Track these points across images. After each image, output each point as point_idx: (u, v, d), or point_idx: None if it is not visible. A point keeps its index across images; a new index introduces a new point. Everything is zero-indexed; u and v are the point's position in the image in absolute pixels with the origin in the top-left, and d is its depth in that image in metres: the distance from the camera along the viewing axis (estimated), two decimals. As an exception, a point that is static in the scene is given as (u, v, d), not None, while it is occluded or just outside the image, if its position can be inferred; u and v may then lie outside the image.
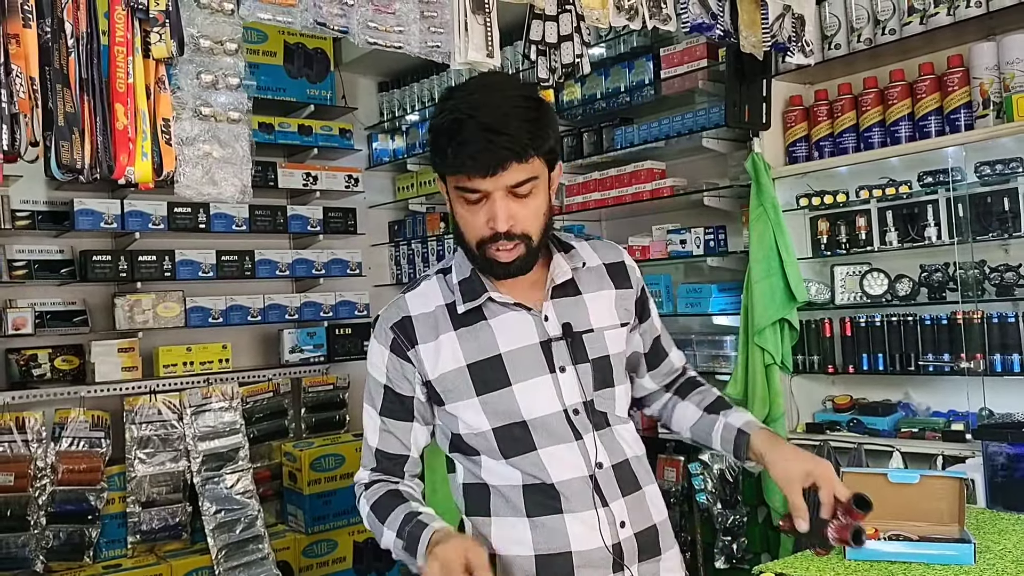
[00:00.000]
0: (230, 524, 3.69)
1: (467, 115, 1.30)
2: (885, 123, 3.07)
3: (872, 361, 3.11)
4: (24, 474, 3.34)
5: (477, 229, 1.36)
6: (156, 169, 1.48)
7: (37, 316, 3.55)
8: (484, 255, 1.37)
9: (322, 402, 4.29)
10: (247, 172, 1.58)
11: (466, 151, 1.29)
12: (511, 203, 1.33)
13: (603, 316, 1.49)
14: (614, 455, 1.44)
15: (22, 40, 1.39)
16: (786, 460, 1.41)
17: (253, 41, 4.11)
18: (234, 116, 1.56)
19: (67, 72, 1.43)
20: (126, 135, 1.46)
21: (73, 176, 1.42)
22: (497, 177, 1.30)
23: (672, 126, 3.54)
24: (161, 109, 1.50)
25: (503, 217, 1.32)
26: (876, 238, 3.15)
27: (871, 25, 3.07)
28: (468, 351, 1.40)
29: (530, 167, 1.33)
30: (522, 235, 1.36)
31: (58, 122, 1.40)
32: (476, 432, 1.42)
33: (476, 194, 1.33)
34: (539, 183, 1.36)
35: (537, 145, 1.32)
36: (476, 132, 1.28)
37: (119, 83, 1.46)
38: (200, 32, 1.53)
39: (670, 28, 2.41)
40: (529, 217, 1.36)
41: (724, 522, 3.22)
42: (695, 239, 3.50)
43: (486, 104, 1.31)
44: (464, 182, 1.32)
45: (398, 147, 4.69)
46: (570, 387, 1.42)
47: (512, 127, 1.29)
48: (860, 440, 3.06)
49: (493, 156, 1.28)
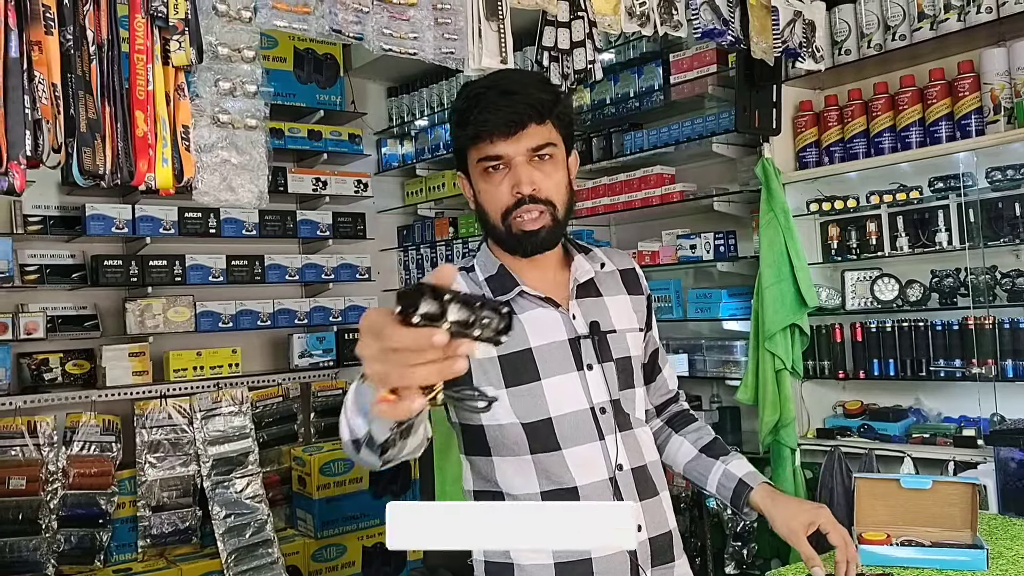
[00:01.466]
0: (240, 528, 3.70)
1: (486, 87, 1.38)
2: (896, 128, 3.07)
3: (883, 366, 3.11)
4: (35, 478, 3.35)
5: (501, 198, 1.39)
6: (176, 175, 1.49)
7: (49, 321, 3.57)
8: (510, 229, 1.39)
9: (331, 407, 4.30)
10: (264, 178, 1.59)
11: (485, 115, 1.35)
12: (533, 169, 1.38)
13: (623, 318, 1.51)
14: (634, 458, 1.45)
15: (44, 47, 1.40)
16: (788, 513, 1.48)
17: (263, 47, 4.08)
18: (251, 123, 1.57)
19: (89, 79, 1.44)
20: (146, 142, 1.47)
21: (95, 182, 1.43)
22: (518, 138, 1.36)
23: (682, 131, 3.54)
24: (180, 116, 1.51)
25: (526, 180, 1.36)
26: (887, 243, 3.15)
27: (881, 31, 3.07)
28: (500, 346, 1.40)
29: (548, 131, 1.39)
30: (546, 201, 1.39)
31: (80, 128, 1.41)
32: (499, 424, 1.40)
33: (498, 161, 1.37)
34: (558, 153, 1.41)
35: (553, 108, 1.39)
36: (496, 97, 1.35)
37: (139, 90, 1.47)
38: (218, 40, 1.54)
39: (681, 34, 2.41)
40: (552, 186, 1.40)
41: (734, 527, 3.21)
42: (705, 244, 3.50)
43: (505, 77, 1.42)
44: (487, 149, 1.37)
45: (407, 152, 4.71)
46: (597, 385, 1.43)
47: (530, 90, 1.37)
48: (871, 446, 3.05)
49: (513, 113, 1.34)
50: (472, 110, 1.36)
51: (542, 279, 1.46)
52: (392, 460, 1.11)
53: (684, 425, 1.65)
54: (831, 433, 3.21)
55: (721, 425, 3.60)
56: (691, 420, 1.67)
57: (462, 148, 1.43)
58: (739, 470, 1.55)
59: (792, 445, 3.18)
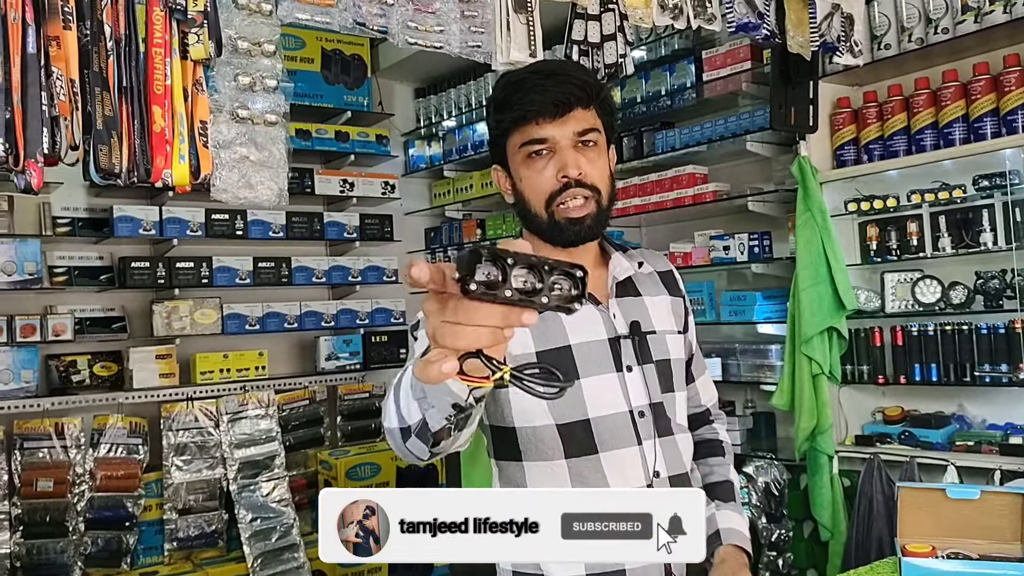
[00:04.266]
0: (266, 532, 3.67)
1: (528, 72, 1.35)
2: (938, 125, 2.97)
3: (925, 371, 3.01)
4: (63, 480, 3.35)
5: (545, 183, 1.34)
6: (193, 172, 1.45)
7: (76, 322, 3.57)
8: (553, 216, 1.35)
9: (358, 410, 4.26)
10: (284, 176, 1.54)
11: (531, 95, 1.31)
12: (579, 155, 1.34)
13: (663, 320, 1.45)
14: (672, 466, 1.38)
15: (63, 42, 1.37)
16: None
17: (291, 48, 4.11)
18: (271, 119, 1.52)
19: (106, 75, 1.40)
20: (163, 138, 1.43)
21: (111, 180, 1.39)
22: (564, 120, 1.32)
23: (715, 129, 3.46)
24: (198, 111, 1.47)
25: (573, 163, 1.32)
26: (928, 244, 3.05)
27: (923, 24, 2.97)
28: (537, 338, 1.34)
29: (593, 117, 1.36)
30: (592, 187, 1.35)
31: (96, 126, 1.38)
32: (533, 425, 1.34)
33: (543, 146, 1.33)
34: (601, 141, 1.37)
35: (599, 92, 1.36)
36: (540, 80, 1.32)
37: (156, 85, 1.44)
38: (238, 33, 1.50)
39: (715, 28, 2.34)
40: (597, 173, 1.36)
41: (769, 537, 3.12)
42: (739, 245, 3.41)
43: (545, 63, 1.40)
44: (531, 131, 1.33)
45: (435, 153, 4.67)
46: (636, 387, 1.36)
47: (573, 72, 1.35)
48: (912, 453, 2.95)
49: (559, 92, 1.31)
50: (516, 93, 1.32)
51: None
52: (441, 452, 1.04)
53: (705, 456, 1.55)
54: (870, 440, 3.11)
55: (755, 431, 3.51)
56: (715, 452, 1.56)
57: (502, 134, 1.38)
58: (723, 522, 1.46)
59: (829, 452, 3.08)
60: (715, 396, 1.63)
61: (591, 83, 1.34)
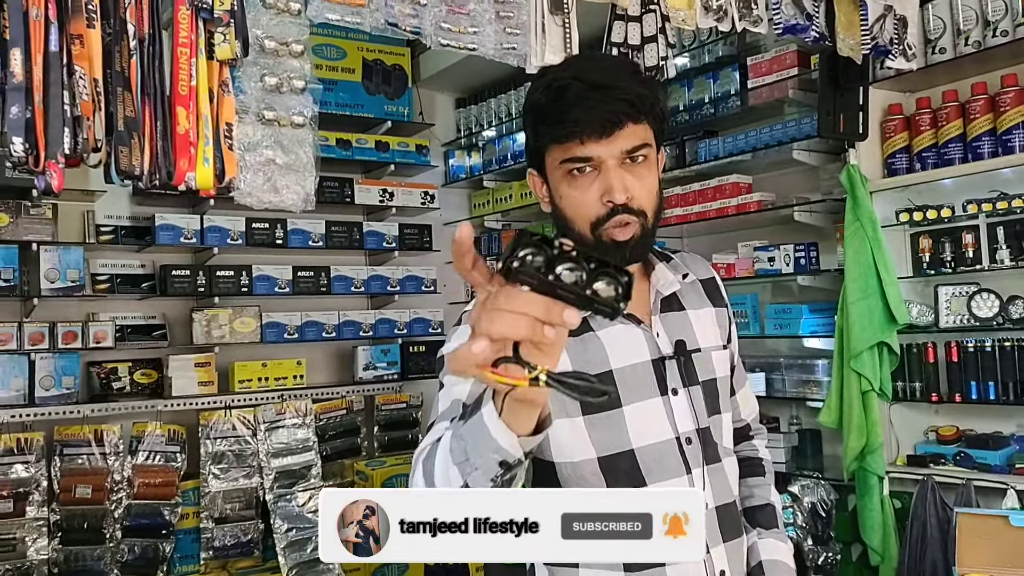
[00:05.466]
0: (301, 543, 3.64)
1: (570, 79, 1.18)
2: (996, 132, 2.84)
3: (982, 389, 2.88)
4: (101, 487, 3.36)
5: (590, 207, 1.21)
6: (217, 175, 1.42)
7: (117, 330, 3.60)
8: (600, 239, 1.21)
9: (395, 420, 4.23)
10: (311, 180, 1.50)
11: (576, 112, 1.16)
12: (626, 174, 1.20)
13: (708, 335, 1.35)
14: (720, 495, 1.28)
15: (86, 41, 1.35)
16: None
17: (332, 58, 4.12)
18: (298, 121, 1.49)
19: (128, 75, 1.38)
20: (187, 140, 1.40)
21: (132, 182, 1.37)
22: (612, 139, 1.18)
23: (760, 138, 3.36)
24: (224, 113, 1.44)
25: (620, 187, 1.18)
26: (985, 256, 2.93)
27: (980, 27, 2.85)
28: (577, 363, 1.23)
29: (644, 131, 1.21)
30: (639, 211, 1.21)
31: (118, 127, 1.35)
32: (577, 459, 1.23)
33: (587, 164, 1.20)
34: (651, 155, 1.23)
35: (651, 104, 1.20)
36: (585, 91, 1.16)
37: (181, 86, 1.41)
38: (265, 33, 1.47)
39: (761, 30, 2.26)
40: (645, 193, 1.22)
41: (815, 559, 3.01)
42: (784, 256, 3.31)
43: (589, 68, 1.20)
44: (575, 150, 1.19)
45: (475, 164, 4.63)
46: (683, 412, 1.26)
47: (623, 82, 1.18)
48: (968, 475, 2.81)
49: (608, 111, 1.16)
50: (557, 103, 1.18)
51: None
52: None
53: (745, 476, 1.44)
54: (923, 461, 2.98)
55: (801, 449, 3.39)
56: (755, 471, 1.47)
57: (542, 146, 1.25)
58: (767, 552, 1.36)
59: (880, 473, 2.96)
60: (756, 409, 1.54)
61: (643, 95, 1.18)
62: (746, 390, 1.50)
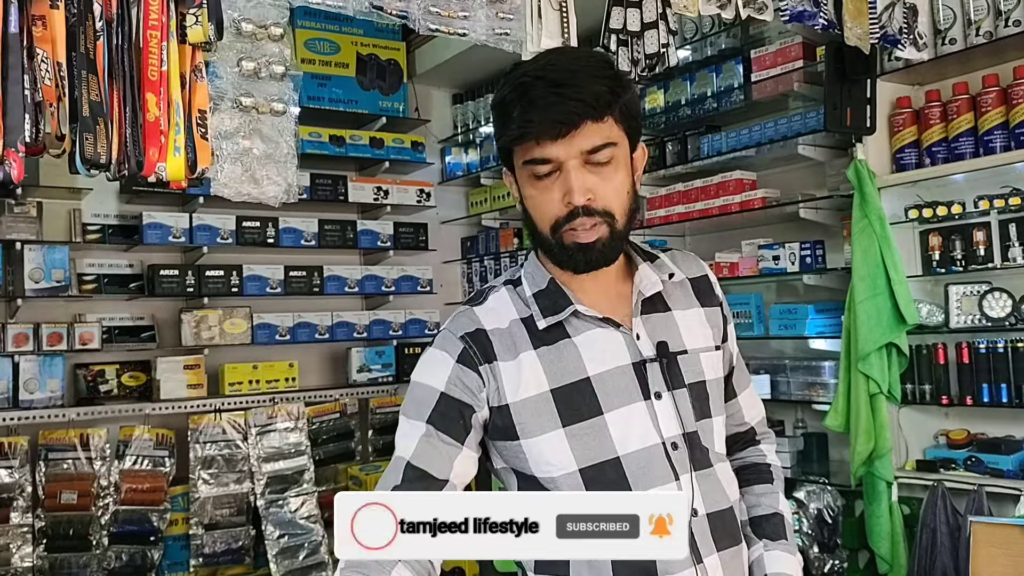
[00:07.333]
0: (293, 550, 3.56)
1: (534, 77, 1.15)
2: (1009, 125, 2.75)
3: (994, 391, 2.79)
4: (87, 492, 3.28)
5: (551, 208, 1.17)
6: (189, 166, 1.33)
7: (105, 331, 3.51)
8: (561, 242, 1.18)
9: (390, 424, 4.13)
10: (292, 170, 1.41)
11: (531, 112, 1.13)
12: (588, 174, 1.15)
13: (696, 336, 1.28)
14: (712, 502, 1.21)
15: (49, 22, 1.26)
16: None
17: (325, 52, 4.03)
18: (278, 107, 1.40)
19: (94, 58, 1.28)
20: (157, 127, 1.30)
21: (98, 172, 1.27)
22: (570, 139, 1.13)
23: (764, 133, 3.27)
24: (197, 100, 1.35)
25: (578, 187, 1.14)
26: (997, 254, 2.83)
27: (991, 17, 2.76)
28: (551, 374, 1.19)
29: (607, 129, 1.15)
30: (603, 212, 1.16)
31: (82, 112, 1.26)
32: (557, 475, 1.18)
33: (547, 165, 1.16)
34: (618, 153, 1.18)
35: (613, 101, 1.15)
36: (544, 91, 1.13)
37: (151, 71, 1.31)
38: (242, 15, 1.38)
39: (766, 18, 2.18)
40: (610, 193, 1.17)
41: (822, 567, 2.92)
42: (789, 255, 3.22)
43: (554, 64, 1.16)
44: (533, 151, 1.16)
45: (472, 161, 4.55)
46: (667, 416, 1.20)
47: (583, 81, 1.14)
48: (980, 481, 2.72)
49: (563, 112, 1.12)
50: (516, 104, 1.15)
51: (601, 293, 1.24)
52: None
53: (750, 484, 1.37)
54: (933, 466, 2.89)
55: (806, 453, 3.30)
56: (762, 478, 1.39)
57: (505, 146, 1.22)
58: (773, 566, 1.29)
59: (888, 478, 2.87)
60: (761, 412, 1.45)
61: (602, 92, 1.14)
62: (749, 392, 1.43)
